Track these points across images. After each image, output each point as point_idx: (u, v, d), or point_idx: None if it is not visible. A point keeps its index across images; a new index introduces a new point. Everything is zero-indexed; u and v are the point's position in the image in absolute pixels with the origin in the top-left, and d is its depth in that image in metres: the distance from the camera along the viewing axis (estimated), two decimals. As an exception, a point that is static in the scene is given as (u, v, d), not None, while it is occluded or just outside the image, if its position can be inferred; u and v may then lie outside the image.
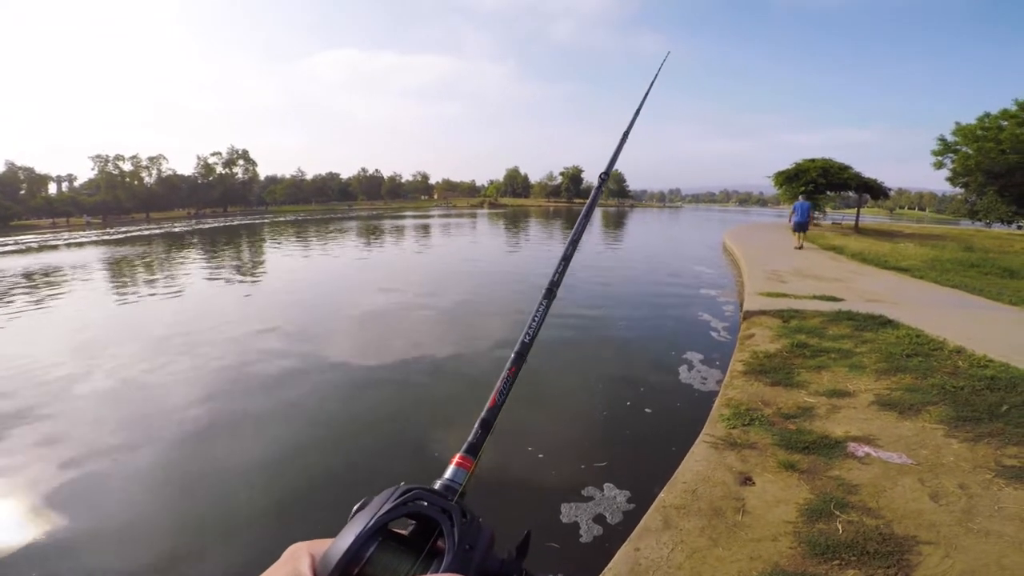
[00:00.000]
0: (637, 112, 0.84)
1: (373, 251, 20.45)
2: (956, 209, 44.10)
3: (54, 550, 3.19)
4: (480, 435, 0.50)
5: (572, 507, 3.44)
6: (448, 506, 0.41)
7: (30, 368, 6.51)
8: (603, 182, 0.74)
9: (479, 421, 0.51)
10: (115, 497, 3.78)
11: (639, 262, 16.00)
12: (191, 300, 11.01)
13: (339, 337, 7.71)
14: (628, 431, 4.63)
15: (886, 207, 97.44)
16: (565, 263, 0.63)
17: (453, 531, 0.39)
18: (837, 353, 5.59)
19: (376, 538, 0.38)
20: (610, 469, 3.91)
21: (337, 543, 0.37)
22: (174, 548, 3.23)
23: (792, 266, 12.76)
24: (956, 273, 11.72)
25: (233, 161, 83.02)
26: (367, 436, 4.65)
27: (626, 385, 5.67)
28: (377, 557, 0.37)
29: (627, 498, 3.54)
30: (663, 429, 4.60)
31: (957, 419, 3.88)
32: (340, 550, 0.37)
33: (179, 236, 31.82)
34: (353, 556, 0.36)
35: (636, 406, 5.11)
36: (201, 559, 3.13)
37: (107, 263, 18.61)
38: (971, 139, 28.45)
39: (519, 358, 0.55)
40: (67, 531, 3.37)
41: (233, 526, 3.41)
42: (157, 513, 3.62)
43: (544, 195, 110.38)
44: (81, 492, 3.82)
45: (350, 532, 0.38)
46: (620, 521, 3.28)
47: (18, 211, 58.31)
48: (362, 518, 0.39)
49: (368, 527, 0.38)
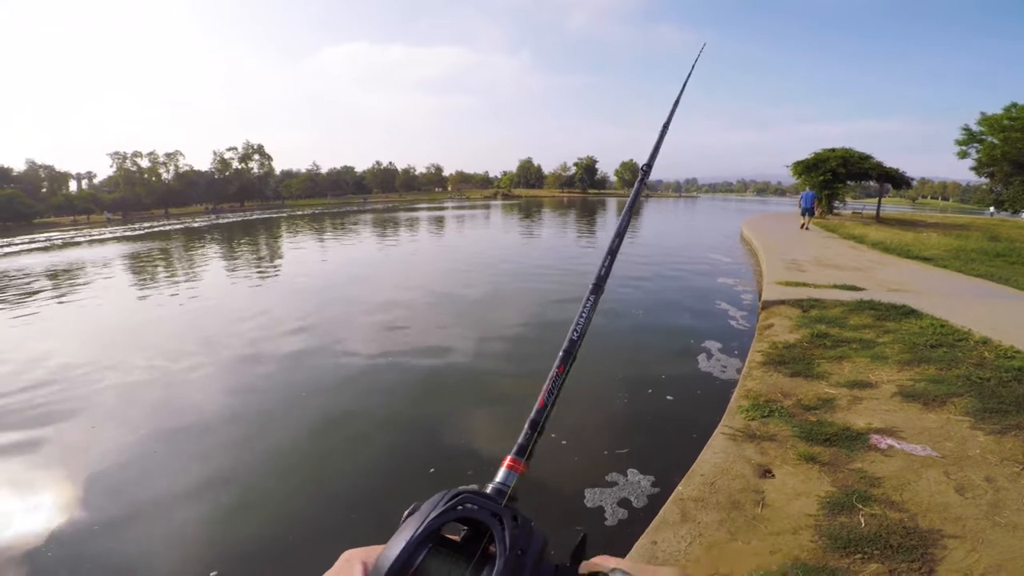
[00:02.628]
0: (676, 103, 0.83)
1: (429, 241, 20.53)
2: (981, 199, 43.21)
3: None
4: (529, 436, 0.49)
5: (596, 492, 3.48)
6: (499, 510, 0.40)
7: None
8: (645, 174, 0.73)
9: (528, 422, 0.50)
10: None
11: (656, 253, 15.85)
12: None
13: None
14: (650, 418, 4.66)
15: (908, 196, 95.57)
16: (611, 257, 0.62)
17: (504, 535, 0.38)
18: (858, 343, 5.49)
19: (427, 544, 0.38)
20: (633, 455, 3.95)
21: (388, 550, 0.37)
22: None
23: (811, 255, 12.57)
24: (981, 263, 11.46)
25: (249, 156, 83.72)
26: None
27: (646, 373, 5.69)
28: (428, 564, 0.37)
29: (651, 482, 3.57)
30: (685, 417, 4.62)
31: (983, 411, 3.79)
32: (391, 557, 0.36)
33: (218, 229, 32.10)
34: (404, 563, 0.36)
35: (657, 394, 5.14)
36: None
37: (159, 254, 19.18)
38: (997, 129, 27.97)
39: (567, 357, 0.54)
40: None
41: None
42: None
43: (558, 186, 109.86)
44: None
45: (400, 538, 0.38)
46: (645, 505, 3.31)
47: (40, 209, 59.27)
48: (412, 524, 0.39)
49: (418, 534, 0.38)
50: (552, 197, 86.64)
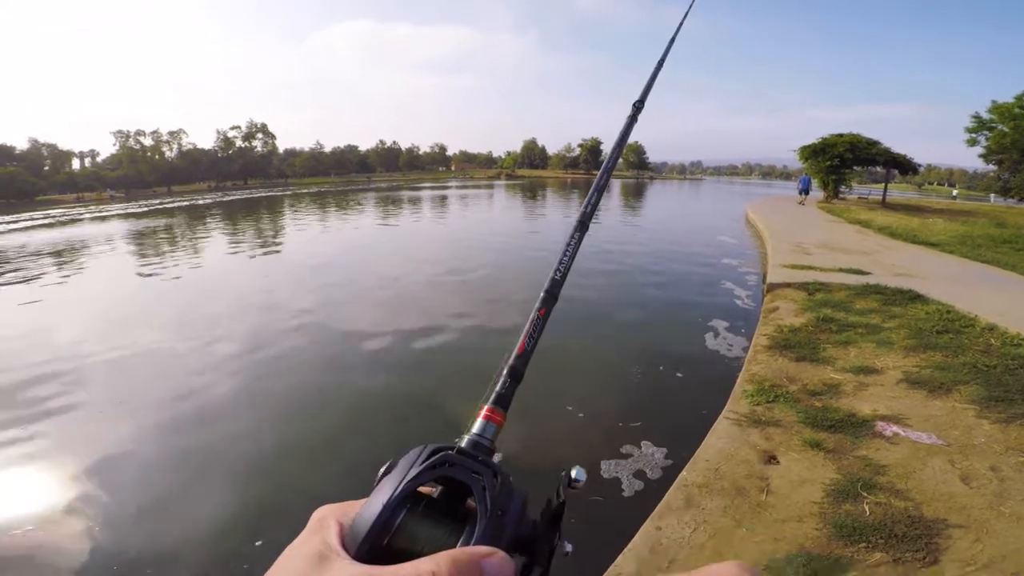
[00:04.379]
0: (672, 40, 0.78)
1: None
2: (988, 186, 42.79)
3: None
4: (509, 385, 0.45)
5: (612, 464, 3.57)
6: (479, 468, 0.38)
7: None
8: (637, 111, 0.68)
9: (507, 369, 0.45)
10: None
11: (661, 233, 15.77)
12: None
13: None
14: (662, 394, 4.82)
15: (915, 183, 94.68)
16: (598, 194, 0.58)
17: (485, 496, 0.36)
18: (864, 328, 5.46)
19: (405, 505, 0.36)
20: (646, 428, 4.05)
21: (365, 512, 0.35)
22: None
23: (817, 239, 12.48)
24: (988, 249, 11.38)
25: (252, 135, 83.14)
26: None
27: (658, 350, 5.84)
28: (407, 525, 0.35)
29: (664, 455, 3.65)
30: (695, 393, 4.76)
31: (989, 399, 3.78)
32: (368, 520, 0.35)
33: (224, 206, 31.96)
34: (383, 526, 0.34)
35: (668, 371, 5.27)
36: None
37: (177, 229, 19.60)
38: (1007, 117, 27.58)
39: (550, 298, 0.49)
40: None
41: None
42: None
43: (562, 167, 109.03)
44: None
45: (378, 499, 0.36)
46: (660, 477, 3.40)
47: (43, 186, 59.06)
48: (389, 484, 0.37)
49: (396, 494, 0.36)
50: (556, 178, 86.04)
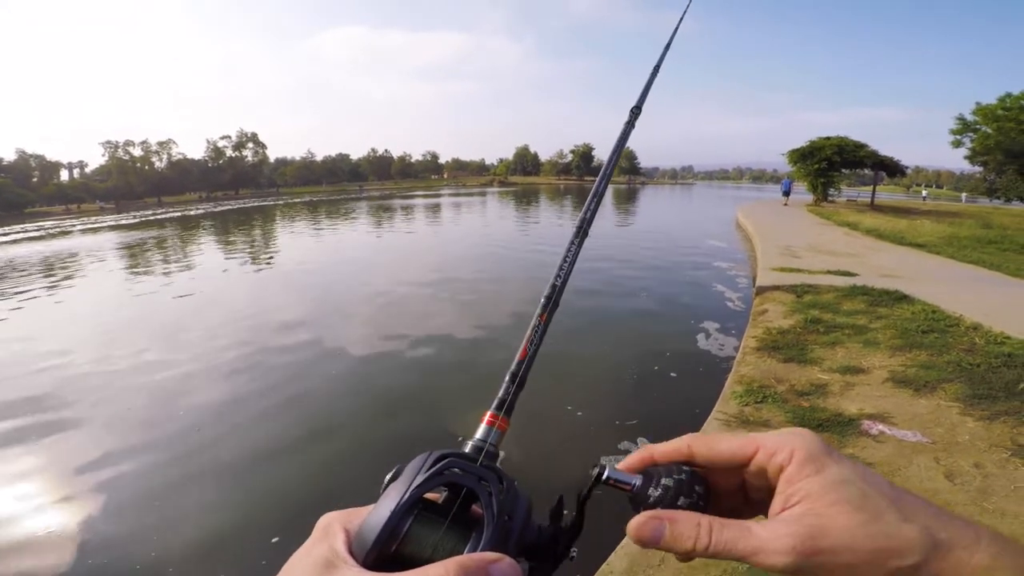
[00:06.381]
0: (668, 45, 0.79)
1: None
2: (974, 188, 43.29)
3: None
4: (511, 390, 0.46)
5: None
6: (484, 473, 0.39)
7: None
8: (635, 116, 0.69)
9: (509, 375, 0.46)
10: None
11: (657, 238, 15.85)
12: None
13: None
14: (656, 392, 4.93)
15: (903, 185, 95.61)
16: (597, 199, 0.58)
17: (492, 502, 0.37)
18: (851, 329, 5.52)
19: (412, 511, 0.36)
20: (642, 426, 4.15)
21: (371, 519, 0.36)
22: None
23: (806, 242, 12.59)
24: (973, 249, 11.52)
25: (243, 144, 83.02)
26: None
27: (651, 350, 5.94)
28: (414, 531, 0.36)
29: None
30: (689, 392, 4.87)
31: (973, 397, 3.83)
32: (376, 527, 0.35)
33: (218, 216, 31.86)
34: (391, 533, 0.35)
35: (663, 371, 5.37)
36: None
37: (174, 240, 19.17)
38: (991, 119, 27.93)
39: (550, 303, 0.49)
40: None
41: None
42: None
43: (554, 173, 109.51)
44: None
45: (385, 506, 0.36)
46: None
47: (32, 198, 58.68)
48: (396, 490, 0.37)
49: (403, 501, 0.36)
50: (548, 184, 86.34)
